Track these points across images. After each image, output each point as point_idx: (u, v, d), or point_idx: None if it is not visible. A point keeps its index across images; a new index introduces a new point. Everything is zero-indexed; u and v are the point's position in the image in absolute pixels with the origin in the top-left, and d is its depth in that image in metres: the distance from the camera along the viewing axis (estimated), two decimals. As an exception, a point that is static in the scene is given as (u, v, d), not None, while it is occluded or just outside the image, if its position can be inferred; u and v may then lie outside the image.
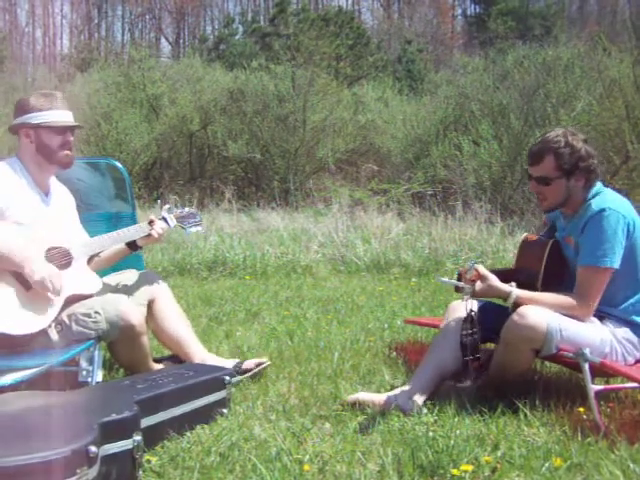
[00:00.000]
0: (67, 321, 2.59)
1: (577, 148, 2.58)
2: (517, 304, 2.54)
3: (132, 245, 2.99)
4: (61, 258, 2.66)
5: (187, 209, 3.21)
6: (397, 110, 16.54)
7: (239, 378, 2.86)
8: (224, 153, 15.21)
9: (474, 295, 2.50)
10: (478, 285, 2.50)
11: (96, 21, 41.42)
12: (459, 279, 2.52)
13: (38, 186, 2.76)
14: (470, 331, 2.48)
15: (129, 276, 3.02)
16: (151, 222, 2.96)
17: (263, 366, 2.99)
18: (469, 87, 13.75)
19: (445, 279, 2.57)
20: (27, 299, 2.50)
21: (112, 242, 2.88)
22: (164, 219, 3.08)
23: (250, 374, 2.92)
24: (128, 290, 2.91)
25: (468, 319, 2.50)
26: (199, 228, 3.20)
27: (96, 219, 3.25)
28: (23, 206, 2.64)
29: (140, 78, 16.07)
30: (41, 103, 2.70)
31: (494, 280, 2.54)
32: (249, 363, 2.97)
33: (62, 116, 2.73)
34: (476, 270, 2.49)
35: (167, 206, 3.18)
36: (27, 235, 2.57)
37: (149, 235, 2.95)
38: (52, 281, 2.51)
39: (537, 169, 2.64)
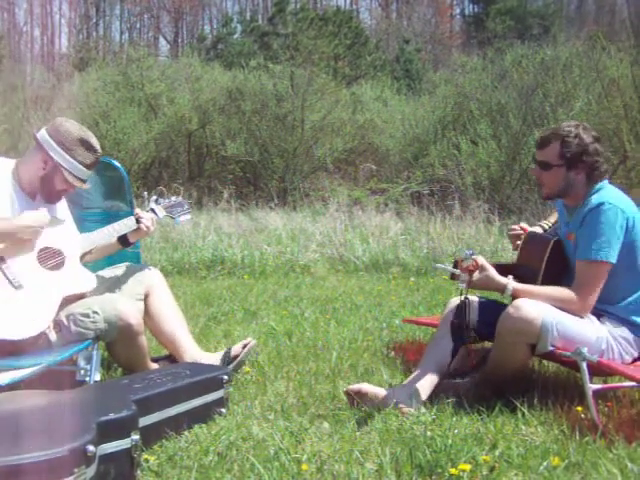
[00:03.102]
0: (65, 322, 2.59)
1: (585, 142, 2.59)
2: (514, 298, 2.54)
3: (124, 241, 3.00)
4: (53, 258, 2.66)
5: (174, 198, 3.21)
6: (395, 110, 16.54)
7: (232, 366, 2.86)
8: (222, 153, 15.20)
9: (471, 285, 2.51)
10: (476, 275, 2.50)
11: (94, 20, 41.34)
12: (455, 267, 2.53)
13: (24, 192, 2.71)
14: (461, 315, 2.50)
15: (125, 269, 3.02)
16: (138, 218, 2.96)
17: (250, 346, 2.99)
18: (467, 86, 13.75)
19: (441, 265, 2.64)
20: (23, 302, 2.49)
21: (102, 238, 2.89)
22: (152, 210, 3.07)
23: (240, 358, 2.92)
24: (124, 284, 2.92)
25: (461, 305, 2.52)
26: (188, 217, 3.20)
27: (94, 218, 3.25)
28: (6, 210, 2.62)
29: (138, 77, 16.05)
30: (80, 154, 2.68)
31: (492, 271, 2.54)
32: (236, 348, 2.98)
33: (82, 174, 2.72)
34: (475, 260, 2.50)
35: (154, 197, 3.17)
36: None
37: (139, 229, 2.96)
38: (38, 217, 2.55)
39: (541, 153, 2.67)
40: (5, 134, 13.47)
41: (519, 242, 2.89)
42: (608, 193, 2.60)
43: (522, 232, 2.93)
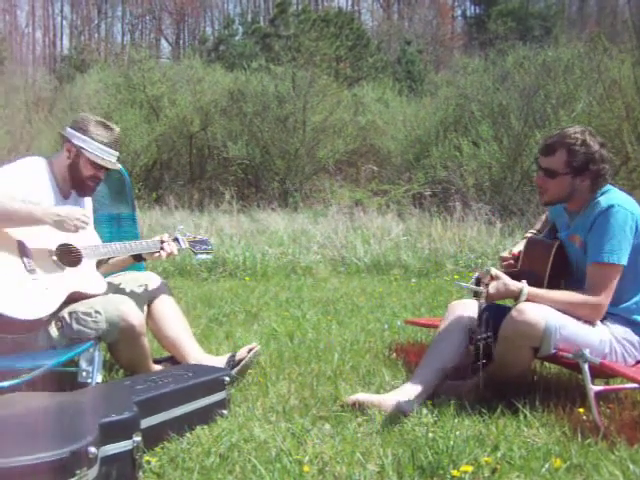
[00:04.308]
0: (68, 319, 2.60)
1: (592, 149, 2.56)
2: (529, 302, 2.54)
3: (137, 256, 3.05)
4: (71, 255, 2.70)
5: (200, 236, 3.32)
6: (397, 111, 16.57)
7: (236, 370, 2.87)
8: (224, 154, 15.22)
9: (489, 297, 2.50)
10: (492, 286, 2.49)
11: (96, 22, 41.44)
12: (477, 284, 2.52)
13: (59, 190, 2.83)
14: (485, 335, 2.46)
15: (130, 277, 3.04)
16: (162, 242, 3.01)
17: (255, 351, 3.00)
18: (469, 88, 13.76)
19: (465, 284, 2.58)
20: (31, 286, 2.52)
21: (123, 252, 2.94)
22: (177, 240, 3.13)
23: (245, 362, 2.93)
24: (129, 290, 2.93)
25: (483, 323, 2.48)
26: (209, 256, 3.31)
27: (96, 220, 3.24)
28: (42, 201, 2.68)
29: (140, 79, 16.09)
30: (96, 133, 2.81)
31: (507, 278, 2.53)
32: (241, 353, 2.98)
33: (106, 154, 2.82)
34: (489, 273, 2.50)
35: (181, 227, 3.29)
36: (41, 228, 2.60)
37: (158, 253, 3.01)
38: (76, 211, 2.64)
39: (547, 160, 2.63)
40: (7, 136, 13.48)
41: (511, 270, 2.84)
42: (616, 195, 2.59)
43: (512, 260, 2.89)
